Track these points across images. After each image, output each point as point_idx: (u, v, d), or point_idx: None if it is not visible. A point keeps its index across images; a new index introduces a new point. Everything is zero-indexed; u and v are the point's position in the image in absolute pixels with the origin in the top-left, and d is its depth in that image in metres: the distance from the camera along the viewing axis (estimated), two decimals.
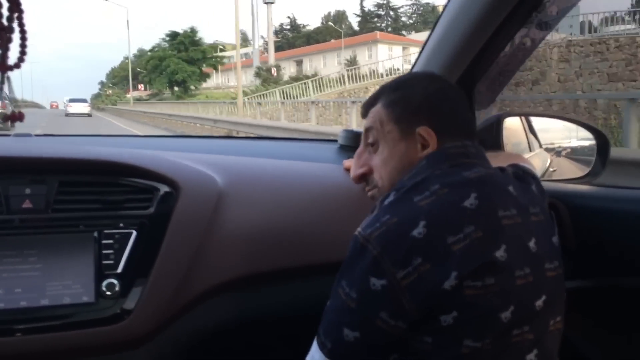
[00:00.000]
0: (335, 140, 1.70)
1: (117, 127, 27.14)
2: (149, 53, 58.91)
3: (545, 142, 1.64)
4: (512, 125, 1.58)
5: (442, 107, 1.03)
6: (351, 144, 1.64)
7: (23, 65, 0.79)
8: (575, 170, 1.52)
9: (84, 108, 39.67)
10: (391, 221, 0.91)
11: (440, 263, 0.87)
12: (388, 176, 1.08)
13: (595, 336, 1.32)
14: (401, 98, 1.06)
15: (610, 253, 1.21)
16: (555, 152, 1.62)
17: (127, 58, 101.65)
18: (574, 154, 1.58)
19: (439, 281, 0.86)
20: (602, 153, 1.42)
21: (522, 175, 1.05)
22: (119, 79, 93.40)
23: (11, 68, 0.77)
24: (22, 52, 0.78)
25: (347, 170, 1.45)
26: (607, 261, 1.22)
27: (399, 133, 1.06)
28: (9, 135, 1.50)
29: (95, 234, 1.14)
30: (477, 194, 0.92)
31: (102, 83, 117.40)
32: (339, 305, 0.94)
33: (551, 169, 1.57)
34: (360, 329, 0.91)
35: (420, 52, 1.45)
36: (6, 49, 0.75)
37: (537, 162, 1.51)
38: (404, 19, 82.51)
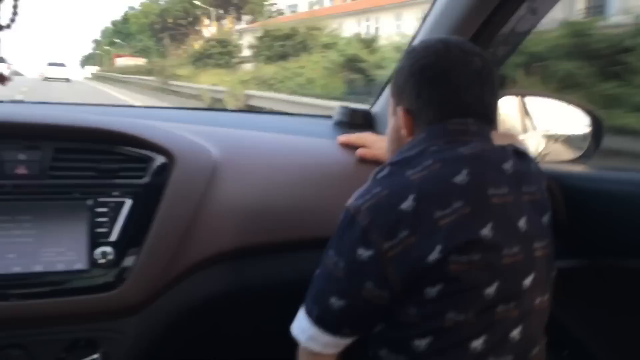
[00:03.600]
0: (331, 116, 1.70)
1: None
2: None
3: (539, 123, 1.64)
4: (508, 105, 1.57)
5: (432, 84, 0.99)
6: (347, 119, 1.64)
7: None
8: (568, 152, 1.53)
9: (62, 72, 38.30)
10: (382, 193, 0.92)
11: (426, 237, 0.88)
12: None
13: (585, 315, 1.34)
14: (396, 71, 1.06)
15: (602, 234, 1.22)
16: (549, 133, 1.62)
17: (132, 8, 68.10)
18: (568, 135, 1.58)
19: (424, 254, 0.88)
20: (595, 134, 1.43)
21: (523, 154, 1.05)
22: (140, 27, 60.72)
23: (1, 28, 0.77)
24: (14, 13, 0.77)
25: (342, 145, 1.46)
26: (598, 242, 1.24)
27: (392, 107, 1.08)
28: (2, 101, 1.49)
29: (90, 201, 1.14)
30: (468, 170, 0.92)
31: (97, 42, 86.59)
32: (326, 274, 0.97)
33: (544, 151, 1.58)
34: (346, 297, 0.94)
35: (425, 17, 1.43)
36: None
37: (531, 143, 1.51)
38: None
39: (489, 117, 1.02)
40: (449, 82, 0.98)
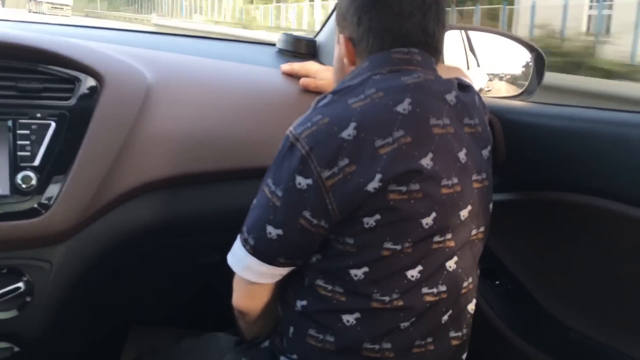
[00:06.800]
0: (274, 44, 1.64)
1: None
2: None
3: (483, 59, 1.64)
4: (452, 39, 1.56)
5: (372, 11, 0.95)
6: (290, 48, 1.59)
7: None
8: (511, 88, 1.54)
9: None
10: (322, 121, 0.90)
11: (366, 165, 0.87)
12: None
13: (515, 247, 1.38)
14: None
15: (538, 167, 1.24)
16: (492, 69, 1.62)
17: None
18: (511, 72, 1.58)
19: (363, 183, 0.87)
20: (537, 70, 1.43)
21: (466, 86, 1.03)
22: None
23: None
24: None
25: (285, 74, 1.41)
26: (535, 175, 1.26)
27: (337, 35, 1.05)
28: None
29: (10, 123, 1.07)
30: (411, 100, 0.90)
31: None
32: (263, 203, 0.94)
33: (487, 88, 1.58)
34: (283, 226, 0.92)
35: None
36: None
37: (475, 79, 1.51)
38: None
39: (434, 47, 0.98)
40: (390, 9, 0.95)
